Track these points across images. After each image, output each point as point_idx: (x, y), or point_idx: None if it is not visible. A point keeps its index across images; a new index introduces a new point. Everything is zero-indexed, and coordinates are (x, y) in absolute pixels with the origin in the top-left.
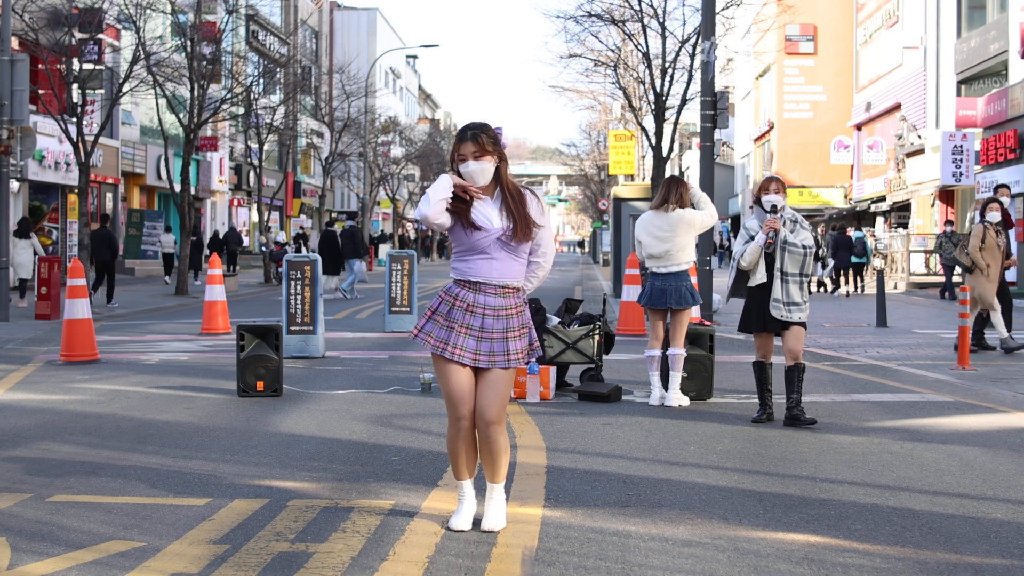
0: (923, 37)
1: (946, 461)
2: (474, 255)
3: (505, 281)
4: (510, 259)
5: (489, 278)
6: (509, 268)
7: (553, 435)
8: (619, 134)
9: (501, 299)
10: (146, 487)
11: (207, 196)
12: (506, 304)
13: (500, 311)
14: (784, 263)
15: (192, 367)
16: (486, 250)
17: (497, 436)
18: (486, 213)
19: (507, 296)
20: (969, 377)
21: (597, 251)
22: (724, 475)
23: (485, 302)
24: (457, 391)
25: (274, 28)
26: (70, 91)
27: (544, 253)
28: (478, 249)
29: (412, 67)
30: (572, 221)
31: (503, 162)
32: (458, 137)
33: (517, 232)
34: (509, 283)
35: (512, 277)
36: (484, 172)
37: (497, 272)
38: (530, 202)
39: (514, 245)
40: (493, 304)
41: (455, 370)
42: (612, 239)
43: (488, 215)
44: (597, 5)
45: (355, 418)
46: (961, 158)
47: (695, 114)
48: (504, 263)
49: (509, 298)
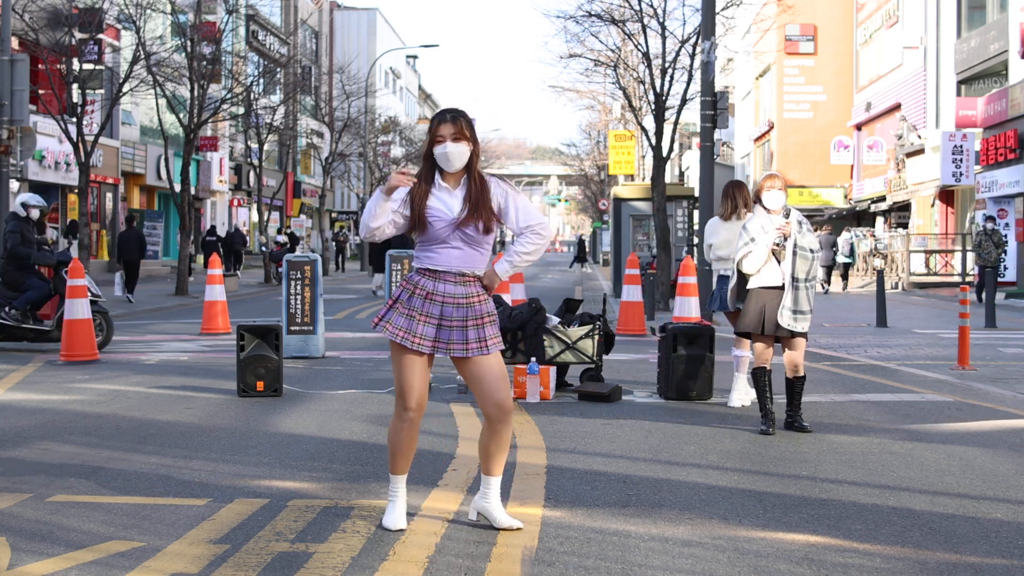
0: (923, 37)
1: (946, 461)
2: (434, 244)
3: (463, 269)
4: (469, 248)
5: (448, 266)
6: (469, 257)
7: (553, 435)
8: (619, 134)
9: (461, 287)
10: (146, 487)
11: (207, 196)
12: (467, 292)
13: (460, 299)
14: (796, 268)
15: (192, 367)
16: (446, 239)
17: (508, 428)
18: (446, 202)
19: (467, 284)
20: (969, 377)
21: (597, 251)
22: (724, 475)
23: (444, 290)
24: (409, 381)
25: (274, 28)
26: (70, 91)
27: (529, 225)
28: (438, 239)
29: (412, 67)
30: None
31: (476, 151)
32: (436, 119)
33: (469, 218)
34: (467, 271)
35: (471, 266)
36: (460, 155)
37: (456, 260)
38: (493, 190)
39: (471, 234)
40: (452, 292)
41: (412, 360)
42: (612, 239)
43: (449, 204)
44: (597, 5)
45: (355, 418)
46: (961, 158)
47: (695, 114)
48: (464, 252)
49: (469, 286)
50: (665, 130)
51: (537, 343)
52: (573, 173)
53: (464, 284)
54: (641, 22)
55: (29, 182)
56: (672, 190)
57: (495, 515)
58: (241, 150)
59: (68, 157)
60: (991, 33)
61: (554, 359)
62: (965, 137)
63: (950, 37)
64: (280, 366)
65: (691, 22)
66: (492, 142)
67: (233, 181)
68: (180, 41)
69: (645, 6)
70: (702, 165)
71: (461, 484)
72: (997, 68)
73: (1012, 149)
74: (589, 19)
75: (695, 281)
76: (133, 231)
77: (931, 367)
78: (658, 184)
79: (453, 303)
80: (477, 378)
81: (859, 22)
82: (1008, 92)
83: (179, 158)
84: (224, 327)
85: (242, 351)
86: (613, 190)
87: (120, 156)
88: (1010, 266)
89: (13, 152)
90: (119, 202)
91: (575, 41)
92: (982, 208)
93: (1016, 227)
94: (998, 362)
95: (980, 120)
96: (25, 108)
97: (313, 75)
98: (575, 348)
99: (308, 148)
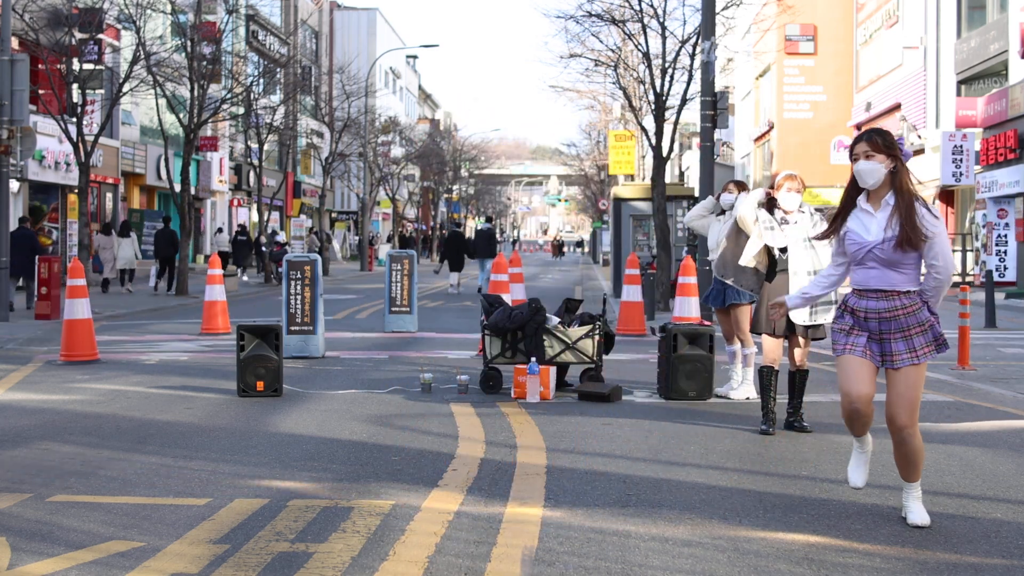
0: (923, 37)
1: (946, 461)
2: (855, 266)
3: (883, 287)
4: (882, 268)
5: (866, 285)
6: (887, 276)
7: (553, 435)
8: (619, 134)
9: (883, 302)
10: (146, 487)
11: (207, 196)
12: (889, 307)
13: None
14: (814, 262)
15: (192, 367)
16: (863, 261)
17: (909, 438)
18: (866, 224)
19: (889, 299)
20: (969, 377)
21: (597, 251)
22: (724, 475)
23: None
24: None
25: (274, 28)
26: (70, 91)
27: (935, 259)
28: (856, 260)
29: (412, 67)
30: (572, 221)
31: (900, 167)
32: (855, 139)
33: (899, 242)
34: (887, 288)
35: (892, 284)
36: (873, 172)
37: (875, 281)
38: (920, 213)
39: (885, 253)
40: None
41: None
42: (612, 239)
43: (868, 226)
44: (597, 5)
45: (355, 418)
46: (961, 158)
47: (695, 114)
48: (878, 271)
49: (893, 300)
50: (665, 130)
51: (537, 343)
52: (573, 173)
53: (887, 299)
54: (641, 22)
55: (29, 182)
56: (672, 190)
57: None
58: (241, 150)
59: (68, 157)
60: (991, 33)
61: (554, 359)
62: (965, 137)
63: (950, 37)
64: (280, 366)
65: (691, 22)
66: (492, 142)
67: (233, 181)
68: (180, 41)
69: (645, 6)
70: (702, 165)
71: (461, 484)
72: (997, 68)
73: (1012, 149)
74: (589, 19)
75: (695, 281)
76: (167, 230)
77: (931, 367)
78: (658, 184)
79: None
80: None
81: (859, 22)
82: (1008, 92)
83: (179, 158)
84: (224, 327)
85: (242, 351)
86: (613, 190)
87: (120, 156)
88: (1010, 266)
89: (13, 152)
90: (119, 202)
91: (575, 41)
92: (982, 208)
93: (1016, 227)
94: (998, 362)
95: (980, 120)
96: (25, 108)
97: (313, 75)
98: (575, 348)
99: (308, 148)
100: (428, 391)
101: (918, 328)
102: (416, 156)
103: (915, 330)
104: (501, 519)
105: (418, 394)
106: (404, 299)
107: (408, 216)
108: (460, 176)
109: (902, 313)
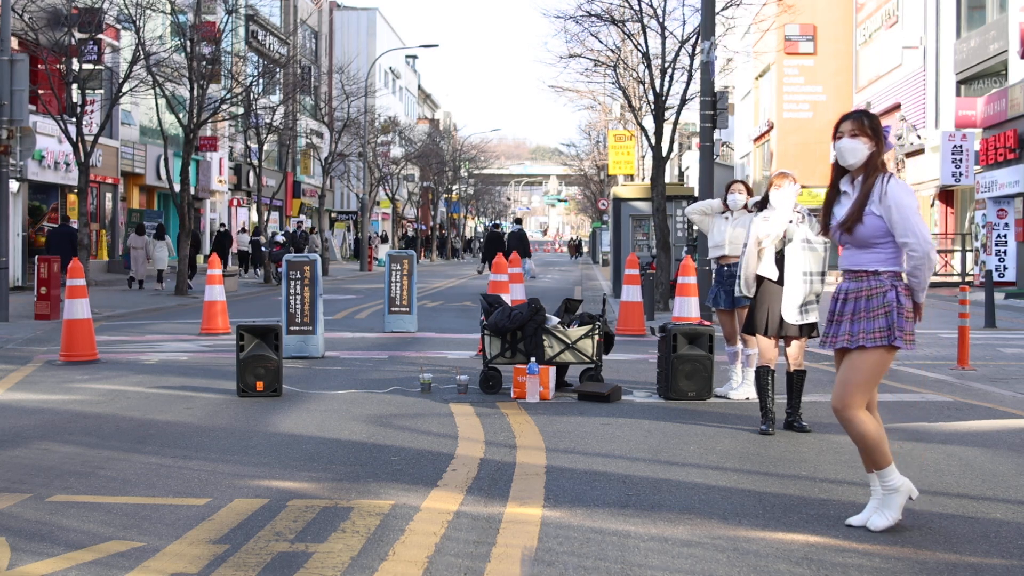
0: (923, 37)
1: (946, 461)
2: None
3: (852, 267)
4: (853, 248)
5: (843, 266)
6: (857, 256)
7: (553, 435)
8: (619, 134)
9: (853, 283)
10: (146, 487)
11: (207, 196)
12: (857, 287)
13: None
14: (807, 262)
15: (192, 367)
16: (840, 243)
17: (846, 423)
18: (844, 206)
19: (858, 280)
20: (969, 377)
21: (597, 251)
22: (724, 475)
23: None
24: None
25: (274, 28)
26: (70, 91)
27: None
28: (839, 243)
29: (412, 67)
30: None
31: (878, 151)
32: (841, 117)
33: (840, 223)
34: (855, 268)
35: (860, 264)
36: (856, 152)
37: (846, 261)
38: (883, 191)
39: (844, 235)
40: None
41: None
42: (612, 239)
43: (844, 208)
44: (597, 5)
45: (355, 418)
46: (961, 158)
47: (695, 114)
48: (850, 252)
49: (861, 281)
50: (665, 130)
51: (537, 343)
52: (573, 173)
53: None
54: (641, 22)
55: (29, 182)
56: (672, 190)
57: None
58: (241, 150)
59: (68, 157)
60: (991, 33)
61: (554, 359)
62: (965, 137)
63: (950, 37)
64: (280, 366)
65: (691, 22)
66: (492, 142)
67: (233, 181)
68: (180, 41)
69: (645, 6)
70: (702, 165)
71: (461, 484)
72: (997, 68)
73: (1012, 149)
74: (589, 19)
75: (695, 281)
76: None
77: (931, 367)
78: (658, 184)
79: (850, 297)
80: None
81: (859, 22)
82: (1008, 92)
83: (179, 158)
84: (224, 327)
85: (242, 351)
86: (613, 190)
87: (120, 156)
88: (1010, 266)
89: (13, 152)
90: (119, 202)
91: (575, 41)
92: (982, 208)
93: (1016, 227)
94: (998, 362)
95: (980, 120)
96: (25, 108)
97: (313, 75)
98: (575, 348)
99: (308, 148)
100: (428, 391)
101: (874, 312)
102: (416, 156)
103: (870, 313)
104: (501, 519)
105: (418, 394)
106: (404, 299)
107: (408, 216)
108: (460, 176)
109: (865, 294)
